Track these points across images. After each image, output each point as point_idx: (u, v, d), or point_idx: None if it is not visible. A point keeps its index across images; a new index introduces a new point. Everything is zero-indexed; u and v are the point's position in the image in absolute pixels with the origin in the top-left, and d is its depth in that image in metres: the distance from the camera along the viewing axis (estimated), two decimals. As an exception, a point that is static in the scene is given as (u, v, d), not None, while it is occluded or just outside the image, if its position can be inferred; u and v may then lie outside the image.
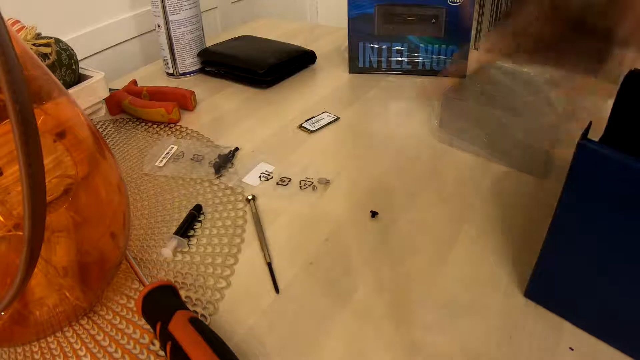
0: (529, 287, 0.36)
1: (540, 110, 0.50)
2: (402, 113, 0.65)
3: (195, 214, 0.46)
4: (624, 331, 0.31)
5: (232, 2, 1.12)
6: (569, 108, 0.49)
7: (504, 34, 0.49)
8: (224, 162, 0.54)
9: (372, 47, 0.73)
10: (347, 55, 0.76)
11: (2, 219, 0.30)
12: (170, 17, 0.72)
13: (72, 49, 0.60)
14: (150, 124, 0.64)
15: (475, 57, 0.67)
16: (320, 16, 1.26)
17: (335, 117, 0.63)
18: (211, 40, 0.83)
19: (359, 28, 0.72)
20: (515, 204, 0.46)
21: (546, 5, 0.45)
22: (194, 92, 0.67)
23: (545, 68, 0.54)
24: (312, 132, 0.61)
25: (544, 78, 0.55)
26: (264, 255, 0.42)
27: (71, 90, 0.58)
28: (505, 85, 0.55)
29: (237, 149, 0.57)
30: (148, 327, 0.36)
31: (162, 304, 0.34)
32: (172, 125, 0.64)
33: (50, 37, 0.58)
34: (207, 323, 0.36)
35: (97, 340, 0.35)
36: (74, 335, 0.36)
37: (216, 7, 1.02)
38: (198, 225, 0.46)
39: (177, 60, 0.76)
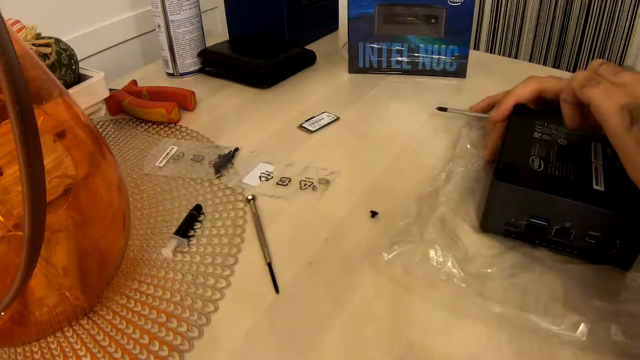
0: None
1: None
2: (402, 113, 0.65)
3: (195, 214, 0.46)
4: None
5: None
6: None
7: None
8: (224, 162, 0.54)
9: (372, 47, 0.73)
10: (347, 55, 0.76)
11: (2, 219, 0.30)
12: (170, 17, 0.72)
13: (72, 49, 0.60)
14: (150, 124, 0.64)
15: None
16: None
17: (335, 117, 0.63)
18: (211, 40, 0.82)
19: (359, 28, 0.72)
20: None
21: None
22: (194, 92, 0.67)
23: None
24: (312, 132, 0.61)
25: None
26: (264, 255, 0.42)
27: (71, 90, 0.58)
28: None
29: (237, 149, 0.57)
30: (148, 327, 0.36)
31: None
32: (172, 125, 0.64)
33: (50, 37, 0.58)
34: (207, 322, 0.36)
35: (97, 340, 0.35)
36: (74, 335, 0.36)
37: (216, 7, 1.02)
38: (198, 225, 0.46)
39: (177, 60, 0.76)
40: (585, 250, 0.39)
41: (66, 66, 0.58)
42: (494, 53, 1.11)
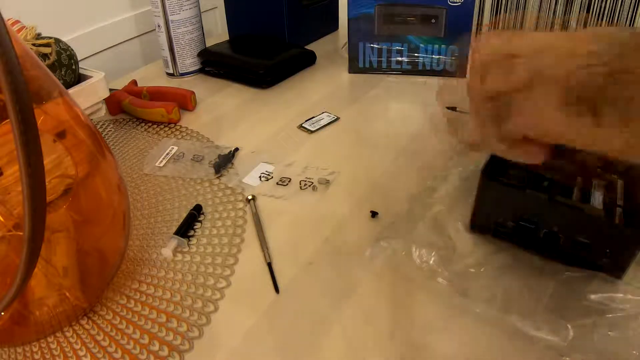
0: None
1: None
2: (401, 113, 0.65)
3: (195, 214, 0.46)
4: None
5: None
6: None
7: None
8: (224, 162, 0.54)
9: (372, 47, 0.73)
10: (347, 55, 0.76)
11: (2, 219, 0.30)
12: (170, 17, 0.72)
13: (72, 49, 0.60)
14: (150, 124, 0.64)
15: None
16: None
17: (335, 117, 0.63)
18: (211, 40, 0.83)
19: (359, 28, 0.72)
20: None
21: None
22: (194, 92, 0.67)
23: None
24: (312, 132, 0.61)
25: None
26: (264, 255, 0.42)
27: (71, 90, 0.58)
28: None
29: (237, 149, 0.57)
30: (148, 327, 0.36)
31: None
32: (172, 125, 0.64)
33: (50, 37, 0.58)
34: (207, 322, 0.36)
35: (97, 340, 0.35)
36: (74, 335, 0.36)
37: (216, 7, 1.02)
38: (198, 225, 0.46)
39: (177, 60, 0.76)
40: (576, 257, 0.38)
41: (66, 66, 0.58)
42: (494, 53, 1.10)
